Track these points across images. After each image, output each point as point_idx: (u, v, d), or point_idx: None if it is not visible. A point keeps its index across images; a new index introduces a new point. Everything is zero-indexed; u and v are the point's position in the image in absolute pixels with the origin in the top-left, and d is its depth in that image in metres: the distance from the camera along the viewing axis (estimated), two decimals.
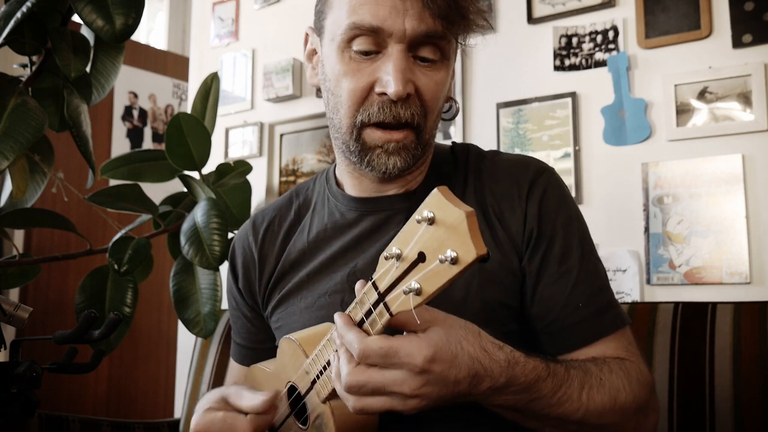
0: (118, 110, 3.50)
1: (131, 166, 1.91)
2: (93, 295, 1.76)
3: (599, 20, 1.91)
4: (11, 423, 1.09)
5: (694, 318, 1.33)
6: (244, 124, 2.56)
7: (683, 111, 1.77)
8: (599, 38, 1.91)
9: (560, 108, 1.94)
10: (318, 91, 1.02)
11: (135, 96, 3.57)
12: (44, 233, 3.08)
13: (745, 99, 1.70)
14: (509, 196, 0.97)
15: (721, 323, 1.30)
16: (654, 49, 1.83)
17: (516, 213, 0.96)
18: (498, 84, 2.06)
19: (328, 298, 0.99)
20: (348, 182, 1.04)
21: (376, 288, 0.70)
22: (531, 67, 2.01)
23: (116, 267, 1.70)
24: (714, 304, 1.34)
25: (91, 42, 1.69)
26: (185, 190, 1.95)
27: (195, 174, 1.92)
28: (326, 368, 0.82)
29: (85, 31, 1.72)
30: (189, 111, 1.97)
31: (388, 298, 0.69)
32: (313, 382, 0.85)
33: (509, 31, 2.05)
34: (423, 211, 0.64)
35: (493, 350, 0.74)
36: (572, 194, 1.86)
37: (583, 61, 1.93)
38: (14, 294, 2.98)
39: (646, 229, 1.79)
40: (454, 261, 0.62)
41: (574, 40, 1.94)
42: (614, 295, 0.97)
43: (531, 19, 2.02)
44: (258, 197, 2.44)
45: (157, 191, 2.07)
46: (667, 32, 1.81)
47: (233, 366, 1.19)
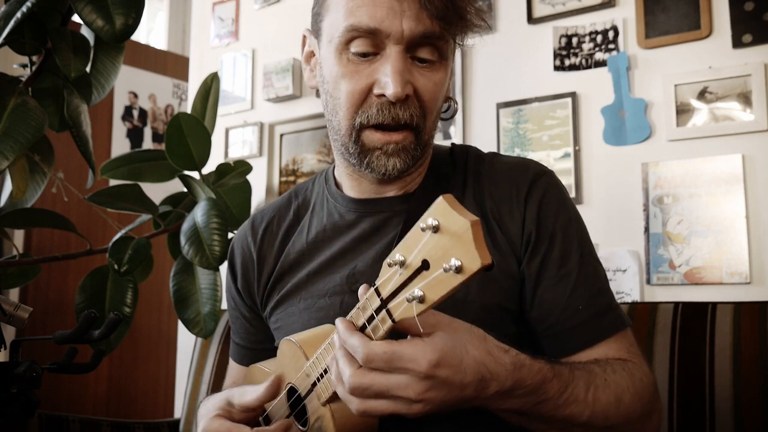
0: (118, 110, 3.50)
1: (131, 166, 1.91)
2: (93, 295, 1.76)
3: (599, 20, 1.91)
4: (11, 423, 1.09)
5: (694, 318, 1.33)
6: (244, 124, 2.56)
7: (683, 111, 1.77)
8: (599, 38, 1.91)
9: (560, 108, 1.94)
10: (317, 92, 1.02)
11: (135, 96, 3.57)
12: (44, 233, 3.08)
13: (745, 99, 1.70)
14: (508, 199, 0.96)
15: (721, 323, 1.30)
16: (654, 49, 1.83)
17: (515, 216, 0.95)
18: (498, 84, 2.06)
19: (328, 300, 0.99)
20: (347, 183, 1.04)
21: (379, 294, 0.70)
22: (531, 67, 2.01)
23: (116, 267, 1.71)
24: (714, 304, 1.33)
25: (91, 42, 1.69)
26: (185, 190, 1.95)
27: (195, 174, 1.92)
28: (327, 371, 0.81)
29: (85, 31, 1.72)
30: (189, 111, 1.97)
31: (391, 305, 0.69)
32: (314, 385, 0.84)
33: (509, 31, 2.05)
34: (427, 219, 0.64)
35: (499, 354, 0.73)
36: (572, 194, 1.87)
37: (583, 61, 1.93)
38: (14, 294, 2.98)
39: (646, 229, 1.79)
40: (459, 270, 0.61)
41: (574, 40, 1.94)
42: (614, 298, 0.96)
43: (531, 19, 2.02)
44: (258, 197, 2.44)
45: (157, 191, 2.07)
46: (667, 32, 1.81)
47: (232, 366, 1.19)
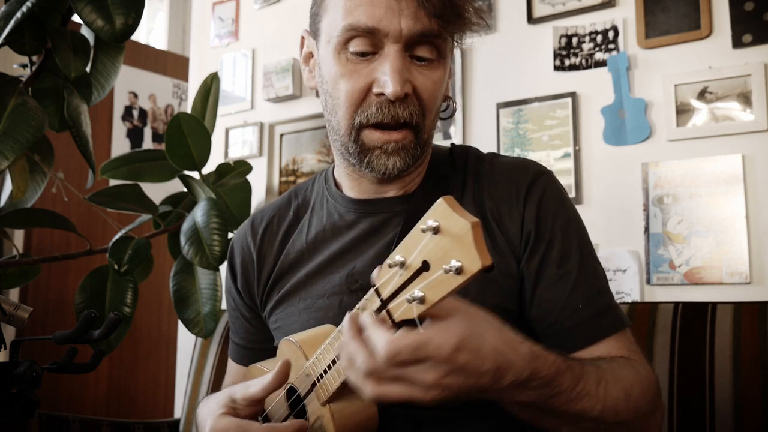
0: (118, 110, 3.50)
1: (131, 166, 1.91)
2: (93, 295, 1.76)
3: (599, 20, 1.91)
4: (11, 423, 1.09)
5: (694, 318, 1.33)
6: (244, 124, 2.56)
7: (683, 111, 1.77)
8: (599, 38, 1.91)
9: (560, 108, 1.94)
10: (317, 92, 1.02)
11: (135, 96, 3.57)
12: (44, 233, 3.08)
13: (745, 99, 1.70)
14: (507, 200, 0.96)
15: (721, 323, 1.30)
16: (654, 49, 1.83)
17: (514, 216, 0.95)
18: (498, 84, 2.06)
19: (327, 300, 0.99)
20: (347, 183, 1.04)
21: (379, 295, 0.70)
22: (531, 67, 2.01)
23: (116, 267, 1.71)
24: (714, 304, 1.33)
25: (91, 42, 1.69)
26: (185, 190, 1.96)
27: (195, 174, 1.92)
28: (327, 371, 0.81)
29: (85, 31, 1.72)
30: (189, 111, 1.97)
31: (391, 306, 0.69)
32: (314, 385, 0.84)
33: (509, 31, 2.05)
34: (428, 221, 0.64)
35: (516, 343, 0.71)
36: (572, 194, 1.87)
37: (583, 61, 1.93)
38: (14, 294, 2.98)
39: (646, 229, 1.79)
40: (459, 271, 0.62)
41: (574, 40, 1.94)
42: (614, 298, 0.97)
43: (531, 19, 2.01)
44: (258, 197, 2.44)
45: (157, 191, 2.07)
46: (667, 32, 1.81)
47: (232, 366, 1.19)
